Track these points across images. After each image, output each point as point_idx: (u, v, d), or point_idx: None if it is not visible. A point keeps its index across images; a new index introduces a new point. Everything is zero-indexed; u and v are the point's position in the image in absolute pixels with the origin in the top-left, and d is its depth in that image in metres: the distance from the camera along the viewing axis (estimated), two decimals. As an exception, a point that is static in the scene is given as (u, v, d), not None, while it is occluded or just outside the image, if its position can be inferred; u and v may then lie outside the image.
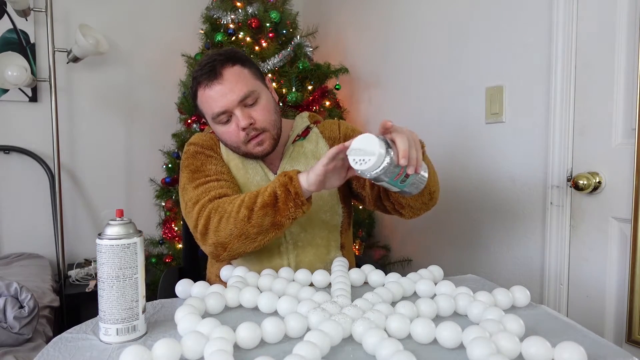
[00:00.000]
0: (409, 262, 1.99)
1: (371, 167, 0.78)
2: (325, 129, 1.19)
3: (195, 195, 1.04)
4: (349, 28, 2.39)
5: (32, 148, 2.20)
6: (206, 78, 1.02)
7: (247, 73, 1.06)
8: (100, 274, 0.70)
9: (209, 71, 1.02)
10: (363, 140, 0.79)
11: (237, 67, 1.04)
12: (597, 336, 0.71)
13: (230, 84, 1.02)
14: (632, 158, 1.11)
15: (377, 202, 1.07)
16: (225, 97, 1.01)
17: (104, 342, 0.70)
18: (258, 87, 1.06)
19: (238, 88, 1.02)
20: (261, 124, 1.05)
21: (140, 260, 0.71)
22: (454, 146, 1.69)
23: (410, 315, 0.73)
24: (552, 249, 1.33)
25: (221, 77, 1.02)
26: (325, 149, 1.16)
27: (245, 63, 1.06)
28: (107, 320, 0.69)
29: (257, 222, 0.94)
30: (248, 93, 1.03)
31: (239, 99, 1.02)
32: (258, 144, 1.06)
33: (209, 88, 1.02)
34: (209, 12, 2.10)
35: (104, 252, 0.69)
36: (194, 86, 1.06)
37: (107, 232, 0.70)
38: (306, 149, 1.15)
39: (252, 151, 1.08)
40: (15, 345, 1.22)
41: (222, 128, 1.06)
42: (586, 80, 1.23)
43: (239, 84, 1.02)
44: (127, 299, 0.69)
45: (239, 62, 1.05)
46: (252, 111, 1.04)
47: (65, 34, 2.24)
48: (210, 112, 1.04)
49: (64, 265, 2.08)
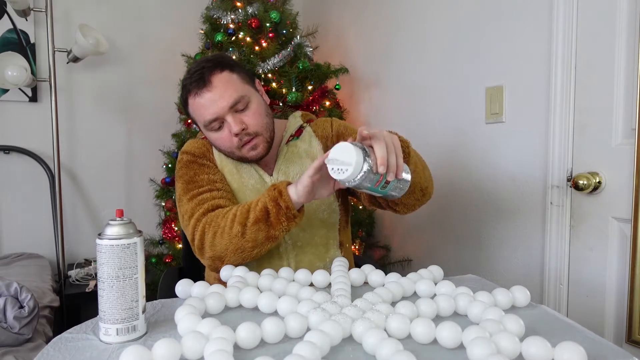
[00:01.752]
0: (409, 262, 1.99)
1: (350, 176, 0.78)
2: (318, 128, 1.20)
3: (190, 208, 1.05)
4: (349, 28, 2.39)
5: (32, 148, 2.20)
6: (195, 86, 1.02)
7: (236, 78, 1.05)
8: (100, 274, 0.70)
9: (198, 79, 1.02)
10: (341, 149, 0.79)
11: (225, 73, 1.03)
12: (597, 336, 0.71)
13: (219, 90, 1.01)
14: (632, 158, 1.11)
15: (371, 199, 1.08)
16: (215, 104, 1.01)
17: (104, 342, 0.70)
18: (248, 91, 1.06)
19: (228, 94, 1.02)
20: (253, 128, 1.05)
21: (140, 260, 0.71)
22: (454, 146, 1.69)
23: (410, 315, 0.73)
24: (552, 249, 1.33)
25: (210, 85, 1.01)
26: (318, 147, 1.16)
27: (234, 68, 1.06)
28: (107, 320, 0.69)
29: (251, 237, 0.96)
30: (238, 99, 1.03)
31: (229, 105, 1.02)
32: (252, 149, 1.06)
33: (199, 96, 1.02)
34: (209, 12, 2.10)
35: (104, 252, 0.69)
36: (184, 95, 1.06)
37: (107, 232, 0.69)
38: (300, 149, 1.16)
39: (247, 155, 1.08)
40: (15, 345, 1.22)
41: (214, 135, 1.06)
42: (586, 80, 1.23)
43: (228, 90, 1.02)
44: (127, 299, 0.69)
45: (227, 67, 1.04)
46: (243, 116, 1.04)
47: (65, 34, 2.24)
48: (202, 119, 1.04)
49: (64, 265, 2.08)
